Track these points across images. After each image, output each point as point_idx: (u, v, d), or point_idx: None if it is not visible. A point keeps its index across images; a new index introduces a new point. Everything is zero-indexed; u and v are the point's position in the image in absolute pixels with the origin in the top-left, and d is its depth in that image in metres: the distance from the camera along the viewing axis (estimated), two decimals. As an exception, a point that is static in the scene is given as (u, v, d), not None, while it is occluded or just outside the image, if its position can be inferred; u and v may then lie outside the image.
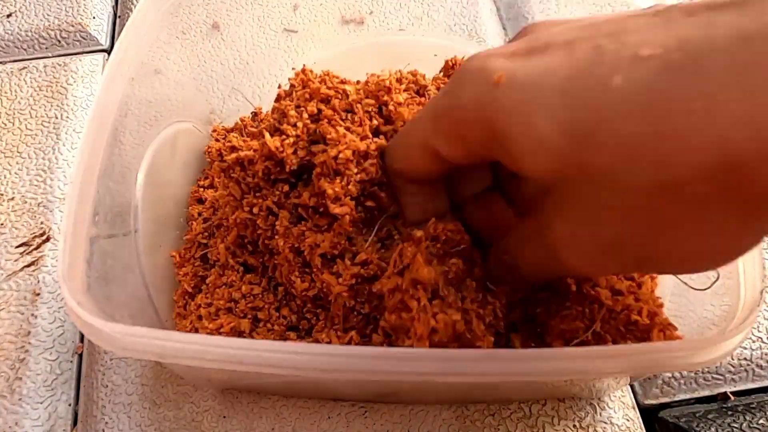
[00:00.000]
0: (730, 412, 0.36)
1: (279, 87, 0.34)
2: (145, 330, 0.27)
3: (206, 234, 0.37)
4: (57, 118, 0.48)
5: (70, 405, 0.37)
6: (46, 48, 0.53)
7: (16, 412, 0.36)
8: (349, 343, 0.30)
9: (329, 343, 0.30)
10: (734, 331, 0.26)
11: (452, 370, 0.25)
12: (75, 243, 0.29)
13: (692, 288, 0.32)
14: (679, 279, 0.32)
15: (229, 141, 0.35)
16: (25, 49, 0.53)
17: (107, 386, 0.37)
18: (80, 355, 0.39)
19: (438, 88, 0.40)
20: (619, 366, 0.26)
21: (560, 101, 0.19)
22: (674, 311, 0.31)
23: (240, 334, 0.31)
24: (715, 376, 0.38)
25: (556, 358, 0.25)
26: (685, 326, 0.31)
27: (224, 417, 0.36)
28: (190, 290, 0.35)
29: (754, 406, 0.37)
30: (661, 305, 0.31)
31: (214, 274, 0.35)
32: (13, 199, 0.44)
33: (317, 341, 0.31)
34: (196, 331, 0.33)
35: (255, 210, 0.33)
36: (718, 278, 0.30)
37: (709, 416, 0.36)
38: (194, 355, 0.25)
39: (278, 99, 0.34)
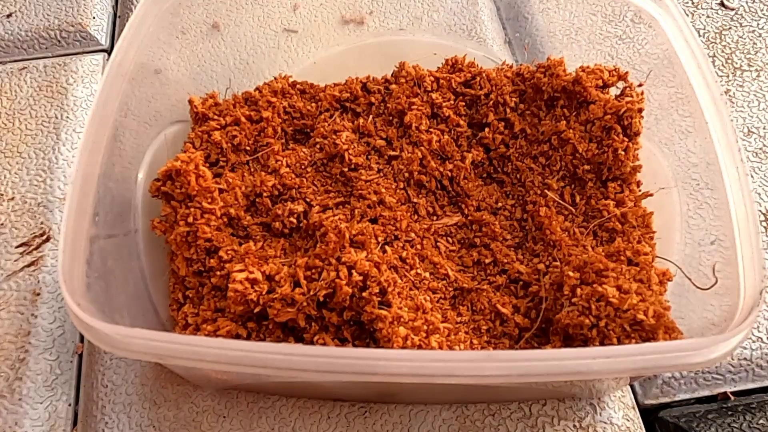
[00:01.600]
0: (730, 412, 0.36)
1: None
2: (144, 331, 0.27)
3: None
4: (57, 118, 0.48)
5: (70, 405, 0.37)
6: (46, 48, 0.53)
7: (16, 412, 0.36)
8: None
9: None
10: (734, 331, 0.26)
11: (451, 372, 0.25)
12: (75, 243, 0.29)
13: (695, 285, 0.32)
14: (684, 274, 0.32)
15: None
16: (25, 49, 0.53)
17: (107, 386, 0.37)
18: (80, 355, 0.39)
19: (437, 81, 0.40)
20: (619, 367, 0.26)
21: None
22: (675, 311, 0.31)
23: (238, 337, 0.31)
24: (715, 376, 0.38)
25: (555, 359, 0.25)
26: (686, 326, 0.31)
27: (224, 417, 0.36)
28: (179, 298, 0.35)
29: (754, 406, 0.37)
30: (668, 308, 0.31)
31: (195, 286, 0.35)
32: (13, 199, 0.44)
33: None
34: (195, 331, 0.33)
35: (190, 219, 0.33)
36: (716, 282, 0.30)
37: (709, 416, 0.36)
38: (194, 356, 0.26)
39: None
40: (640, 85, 0.39)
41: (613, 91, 0.39)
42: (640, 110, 0.37)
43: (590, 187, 0.38)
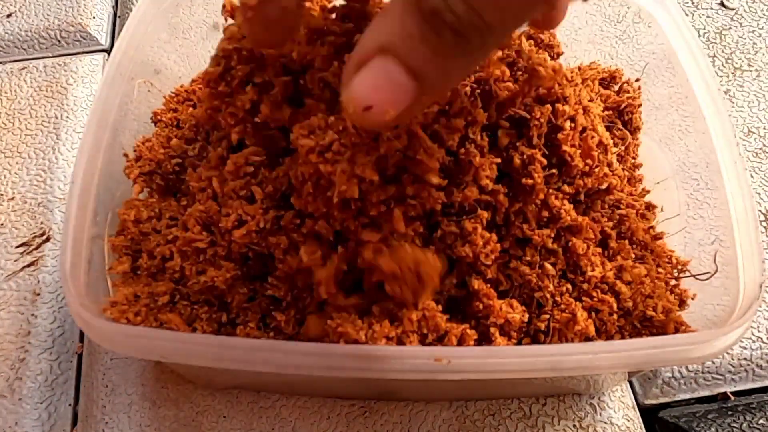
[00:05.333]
0: (730, 412, 0.36)
1: None
2: (146, 330, 0.27)
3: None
4: (57, 118, 0.48)
5: (70, 405, 0.37)
6: (46, 48, 0.53)
7: (16, 412, 0.36)
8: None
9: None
10: (734, 325, 0.27)
11: (453, 368, 0.25)
12: (76, 243, 0.29)
13: (694, 277, 0.32)
14: (685, 268, 0.33)
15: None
16: (25, 49, 0.53)
17: (107, 386, 0.37)
18: (80, 355, 0.39)
19: None
20: (620, 361, 0.26)
21: None
22: (674, 310, 0.31)
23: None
24: (715, 376, 0.38)
25: (557, 354, 0.25)
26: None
27: (224, 417, 0.36)
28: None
29: (754, 406, 0.37)
30: (674, 303, 0.31)
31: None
32: (13, 199, 0.44)
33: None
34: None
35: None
36: (716, 270, 0.30)
37: (709, 416, 0.36)
38: (195, 354, 0.26)
39: None
40: (637, 80, 0.39)
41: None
42: (639, 105, 0.37)
43: None
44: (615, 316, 0.30)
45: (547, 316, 0.30)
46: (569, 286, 0.31)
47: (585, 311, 0.30)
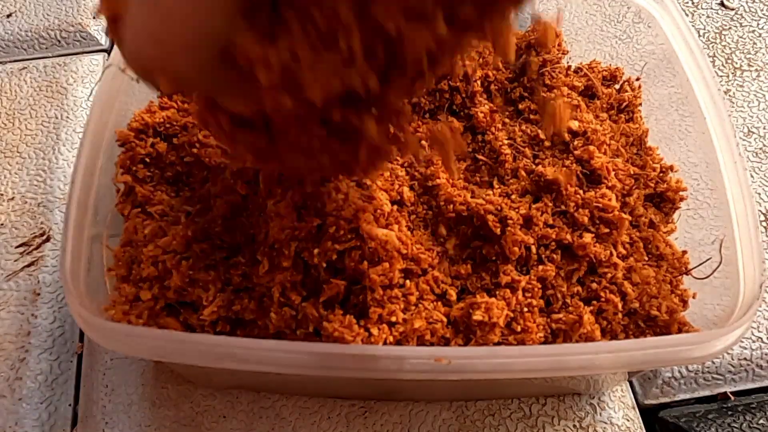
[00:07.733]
0: (730, 412, 0.36)
1: None
2: (146, 330, 0.27)
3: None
4: (57, 118, 0.48)
5: (70, 405, 0.37)
6: (46, 48, 0.53)
7: (16, 412, 0.36)
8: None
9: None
10: (734, 325, 0.27)
11: (453, 368, 0.25)
12: (76, 243, 0.29)
13: (694, 277, 0.32)
14: (686, 269, 0.33)
15: None
16: (25, 49, 0.53)
17: (107, 386, 0.37)
18: (80, 355, 0.39)
19: None
20: (621, 361, 0.26)
21: None
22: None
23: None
24: (715, 376, 0.38)
25: (558, 354, 0.25)
26: (686, 326, 0.31)
27: (224, 417, 0.36)
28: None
29: (754, 406, 0.37)
30: (679, 304, 0.31)
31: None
32: (13, 199, 0.44)
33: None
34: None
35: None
36: (721, 261, 0.30)
37: (709, 416, 0.36)
38: (195, 354, 0.26)
39: None
40: (637, 79, 0.39)
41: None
42: (639, 104, 0.37)
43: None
44: (620, 315, 0.30)
45: (559, 316, 0.29)
46: (579, 288, 0.31)
47: (592, 315, 0.30)
